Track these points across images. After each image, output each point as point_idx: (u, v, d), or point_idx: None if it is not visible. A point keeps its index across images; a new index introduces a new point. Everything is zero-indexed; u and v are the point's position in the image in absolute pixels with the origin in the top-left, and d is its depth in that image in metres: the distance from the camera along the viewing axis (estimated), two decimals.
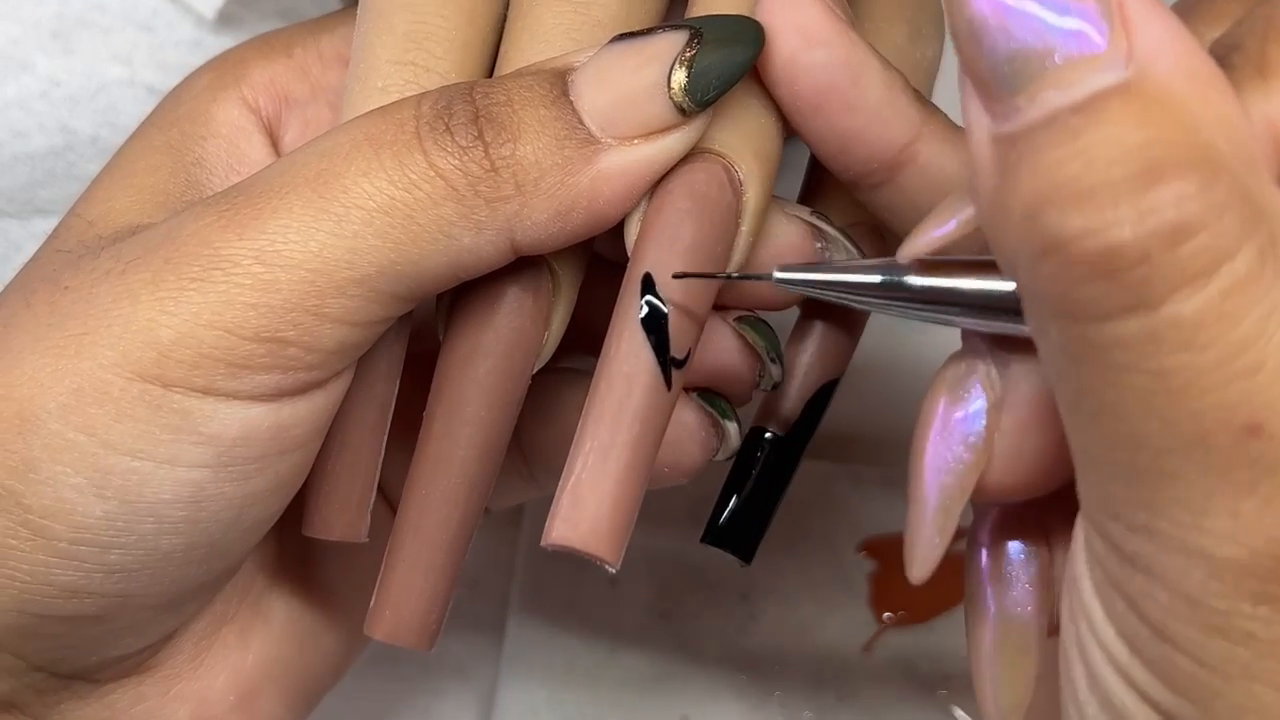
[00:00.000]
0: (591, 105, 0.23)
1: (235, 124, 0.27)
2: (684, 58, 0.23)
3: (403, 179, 0.23)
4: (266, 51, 0.28)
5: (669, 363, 0.23)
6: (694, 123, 0.23)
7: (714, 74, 0.23)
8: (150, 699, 0.27)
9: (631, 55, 0.23)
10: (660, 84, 0.23)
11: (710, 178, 0.24)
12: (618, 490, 0.23)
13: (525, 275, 0.25)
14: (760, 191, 0.24)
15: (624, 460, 0.23)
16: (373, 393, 0.26)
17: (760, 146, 0.24)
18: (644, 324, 0.23)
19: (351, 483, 0.26)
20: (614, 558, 0.23)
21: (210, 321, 0.23)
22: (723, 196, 0.24)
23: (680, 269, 0.23)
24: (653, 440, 0.23)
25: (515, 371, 0.25)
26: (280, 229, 0.23)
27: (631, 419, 0.23)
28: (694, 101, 0.23)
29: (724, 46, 0.23)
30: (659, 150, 0.23)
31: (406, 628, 0.25)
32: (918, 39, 0.28)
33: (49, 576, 0.23)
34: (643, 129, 0.23)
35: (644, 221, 0.24)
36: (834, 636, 0.36)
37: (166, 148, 0.27)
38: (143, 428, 0.23)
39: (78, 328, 0.23)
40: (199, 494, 0.23)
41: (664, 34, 0.23)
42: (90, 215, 0.26)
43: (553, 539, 0.22)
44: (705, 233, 0.23)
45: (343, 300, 0.23)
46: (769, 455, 0.26)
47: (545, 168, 0.23)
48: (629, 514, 0.23)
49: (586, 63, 0.24)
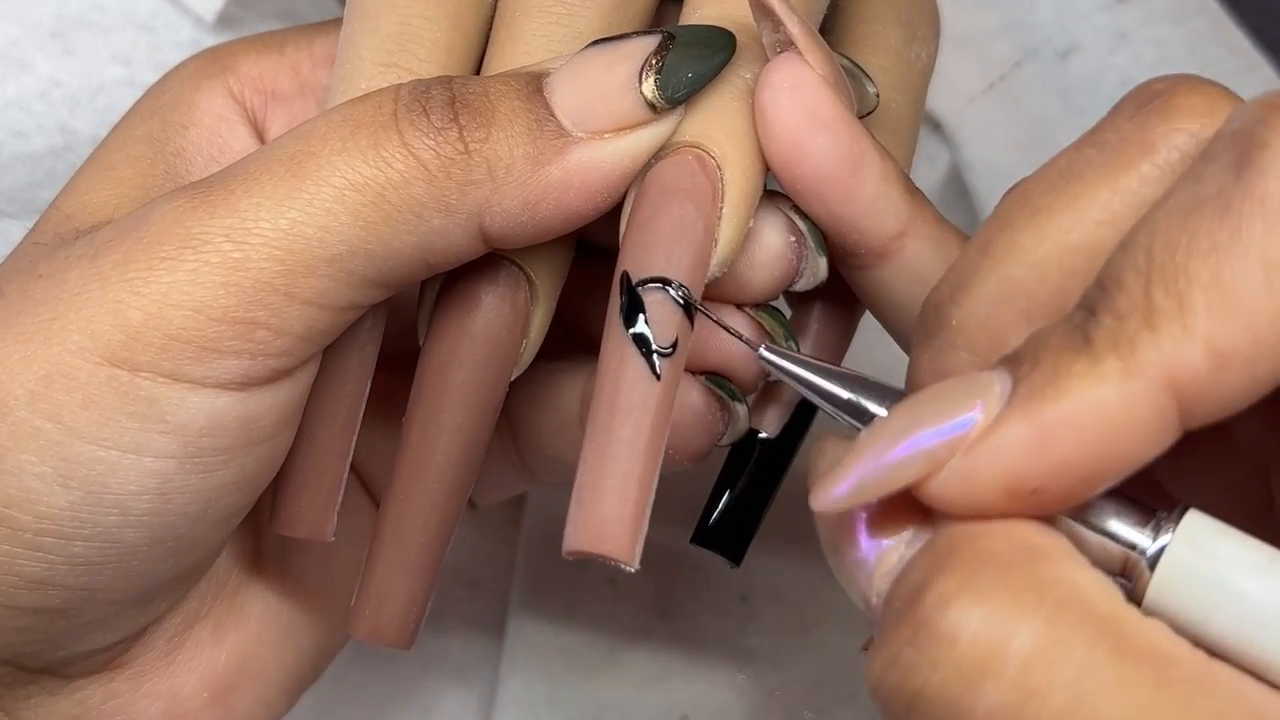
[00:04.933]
0: (564, 101, 0.24)
1: (218, 113, 0.28)
2: (656, 56, 0.24)
3: (376, 157, 0.23)
4: (258, 46, 0.28)
5: (654, 353, 0.23)
6: (665, 119, 0.24)
7: (685, 71, 0.24)
8: (121, 695, 0.27)
9: (605, 55, 0.24)
10: (631, 80, 0.23)
11: (681, 168, 0.24)
12: (622, 488, 0.22)
13: (503, 284, 0.25)
14: (739, 170, 0.24)
15: (622, 458, 0.23)
16: (342, 391, 0.26)
17: (734, 126, 0.24)
18: (624, 319, 0.23)
19: (319, 481, 0.26)
20: (629, 557, 0.23)
21: (179, 301, 0.23)
22: (695, 183, 0.24)
23: (659, 259, 0.23)
24: (652, 433, 0.23)
25: (492, 379, 0.25)
26: (252, 207, 0.23)
27: (624, 416, 0.23)
28: (664, 98, 0.23)
29: (696, 48, 0.24)
30: (629, 145, 0.24)
31: (387, 628, 0.26)
32: (913, 40, 0.28)
33: (12, 567, 0.23)
34: (614, 124, 0.24)
35: (625, 222, 0.24)
36: (834, 636, 0.36)
37: (148, 138, 0.27)
38: (109, 415, 0.23)
39: (48, 313, 0.23)
40: (165, 485, 0.23)
41: (637, 37, 0.24)
42: (67, 208, 0.26)
43: (569, 547, 0.23)
44: (675, 221, 0.24)
45: (313, 280, 0.23)
46: (760, 457, 0.26)
47: (517, 156, 0.23)
48: (637, 511, 0.23)
49: (563, 64, 0.24)
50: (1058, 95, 0.41)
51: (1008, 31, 0.40)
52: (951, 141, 0.39)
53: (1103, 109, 0.21)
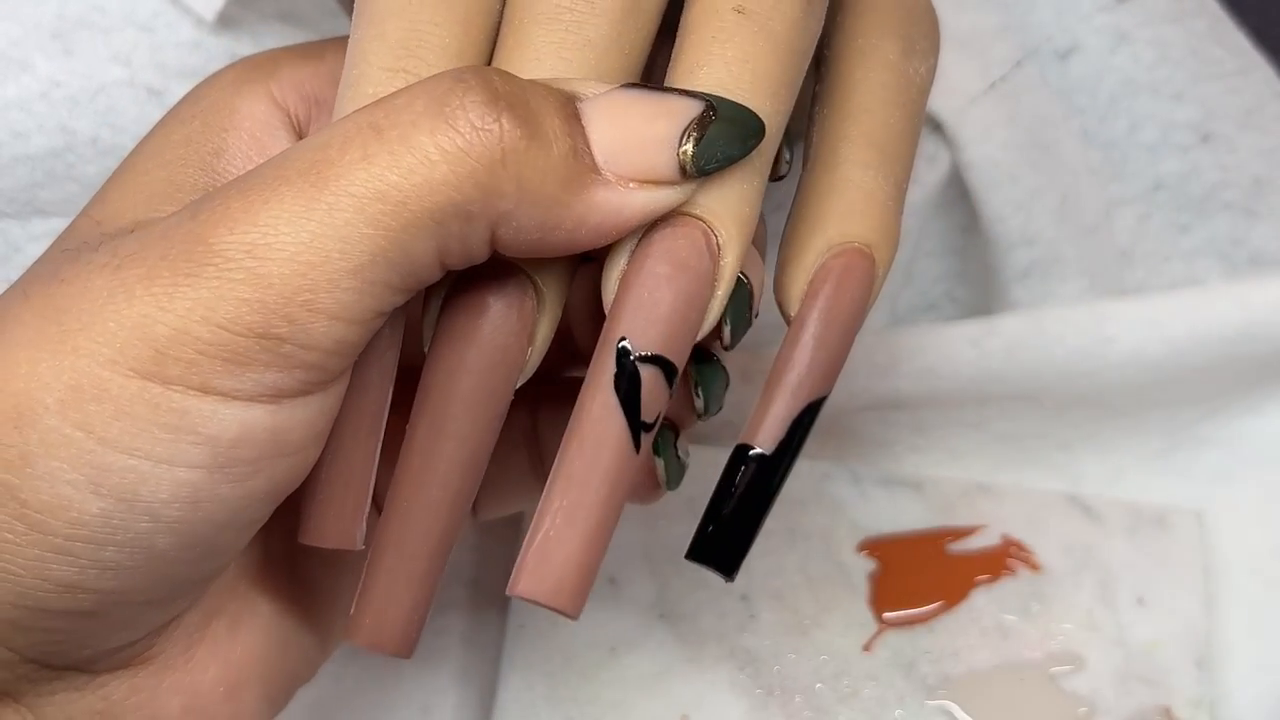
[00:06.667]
0: (602, 137, 0.24)
1: (260, 118, 0.27)
2: (698, 124, 0.24)
3: (398, 165, 0.23)
4: (299, 54, 0.28)
5: (640, 426, 0.24)
6: (688, 185, 0.24)
7: (720, 148, 0.24)
8: (144, 690, 0.27)
9: (649, 105, 0.24)
10: (672, 140, 0.23)
11: (692, 245, 0.24)
12: (584, 548, 0.23)
13: (510, 292, 0.25)
14: (736, 257, 0.24)
15: (591, 520, 0.23)
16: (366, 399, 0.26)
17: (741, 212, 0.24)
18: (617, 388, 0.24)
19: (346, 490, 0.26)
20: (575, 612, 0.24)
21: (204, 318, 0.23)
22: (701, 263, 0.24)
23: (658, 336, 0.24)
24: (619, 501, 0.24)
25: (498, 387, 0.25)
26: (271, 220, 0.23)
27: (600, 481, 0.24)
28: (696, 167, 0.24)
29: (734, 127, 0.24)
30: (651, 200, 0.24)
31: (387, 636, 0.25)
32: (911, 54, 0.28)
33: (44, 571, 0.23)
34: (643, 176, 0.24)
35: (622, 283, 0.24)
36: (834, 636, 0.36)
37: (185, 141, 0.27)
38: (141, 426, 0.23)
39: (74, 323, 0.23)
40: (196, 494, 0.23)
41: (682, 97, 0.24)
42: (98, 215, 0.26)
43: (519, 591, 0.23)
44: (683, 300, 0.24)
45: (336, 293, 0.23)
46: (754, 473, 0.26)
47: (549, 179, 0.23)
48: (593, 571, 0.24)
49: (600, 96, 0.24)
50: (1058, 95, 0.41)
51: (1008, 31, 0.40)
52: (951, 141, 0.39)
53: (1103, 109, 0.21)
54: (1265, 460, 0.39)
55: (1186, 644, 0.36)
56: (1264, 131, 0.41)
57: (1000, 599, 0.37)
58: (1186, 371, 0.37)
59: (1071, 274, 0.40)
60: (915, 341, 0.37)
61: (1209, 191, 0.41)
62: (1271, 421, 0.39)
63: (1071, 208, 0.40)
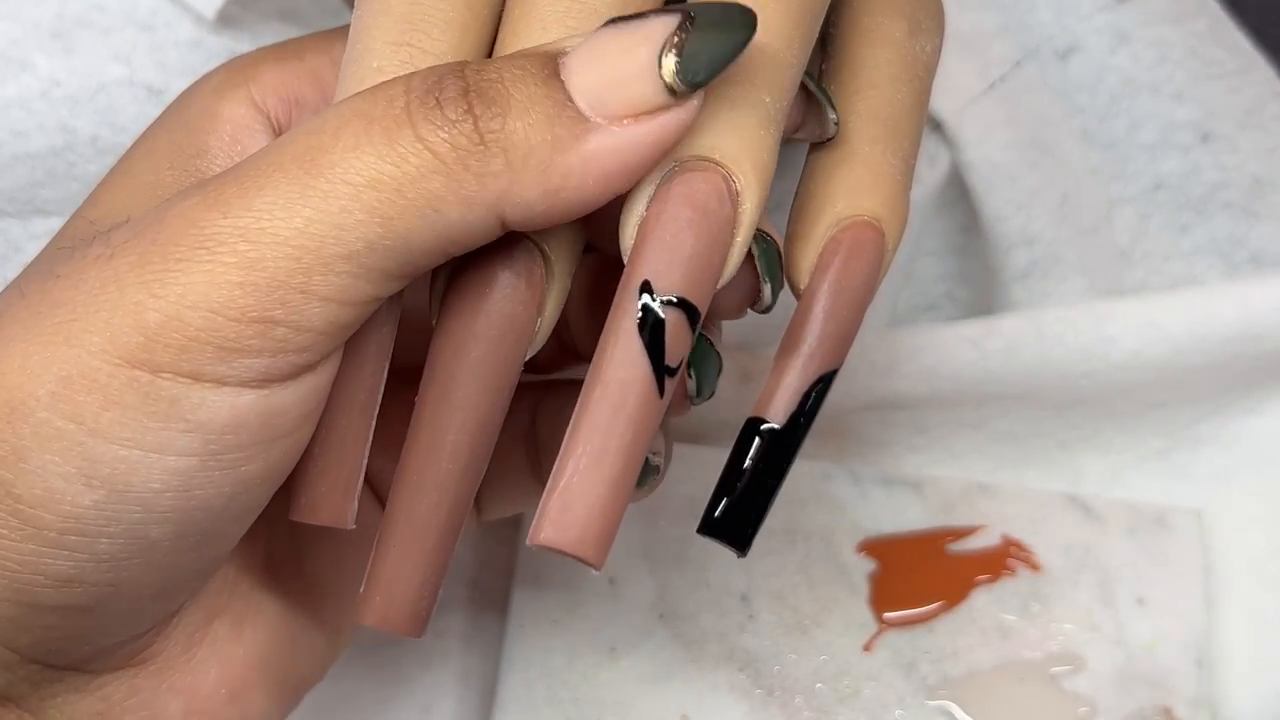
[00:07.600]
0: (582, 85, 0.23)
1: (240, 121, 0.27)
2: (675, 39, 0.23)
3: (391, 153, 0.23)
4: (278, 54, 0.28)
5: (664, 371, 0.23)
6: (684, 105, 0.23)
7: (705, 56, 0.23)
8: (144, 691, 0.27)
9: (623, 37, 0.23)
10: (651, 64, 0.23)
11: (712, 189, 0.24)
12: (608, 496, 0.23)
13: (518, 261, 0.25)
14: (755, 204, 0.24)
15: (616, 467, 0.23)
16: (361, 375, 0.25)
17: (759, 158, 0.24)
18: (641, 331, 0.23)
19: (339, 467, 0.26)
20: (599, 562, 0.23)
21: (196, 303, 0.23)
22: (722, 208, 0.24)
23: (681, 279, 0.23)
24: (643, 446, 0.23)
25: (507, 357, 0.25)
26: (266, 206, 0.23)
27: (625, 426, 0.23)
28: (684, 82, 0.23)
29: (716, 30, 0.23)
30: (649, 131, 0.23)
31: (398, 614, 0.25)
32: (917, 33, 0.28)
33: (39, 566, 0.23)
34: (633, 109, 0.23)
35: (643, 226, 0.24)
36: (834, 636, 0.36)
37: (170, 146, 0.27)
38: (131, 415, 0.23)
39: (66, 314, 0.23)
40: (188, 482, 0.23)
41: (656, 17, 0.23)
42: (91, 215, 0.26)
43: (540, 540, 0.23)
44: (705, 244, 0.23)
45: (330, 277, 0.23)
46: (766, 446, 0.26)
47: (534, 144, 0.23)
48: (617, 519, 0.23)
49: (579, 45, 0.24)
50: (1058, 95, 0.41)
51: (1008, 31, 0.40)
52: (951, 141, 0.39)
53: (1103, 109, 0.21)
54: (1265, 460, 0.39)
55: (1186, 644, 0.36)
56: (1264, 131, 0.41)
57: (1000, 599, 0.37)
58: (1186, 371, 0.37)
59: (1071, 274, 0.40)
60: (915, 341, 0.37)
61: (1209, 191, 0.41)
62: (1271, 421, 0.39)
63: (1071, 208, 0.40)
